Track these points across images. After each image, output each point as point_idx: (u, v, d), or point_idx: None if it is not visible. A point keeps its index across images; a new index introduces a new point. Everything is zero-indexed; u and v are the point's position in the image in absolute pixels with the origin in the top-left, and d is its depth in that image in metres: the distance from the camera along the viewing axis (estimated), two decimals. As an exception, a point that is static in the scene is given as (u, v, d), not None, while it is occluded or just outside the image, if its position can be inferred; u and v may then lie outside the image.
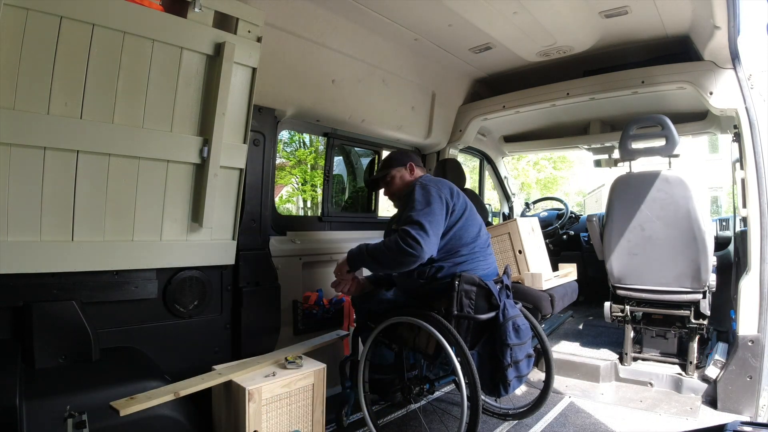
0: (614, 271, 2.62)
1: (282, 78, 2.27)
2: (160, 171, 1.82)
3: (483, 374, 1.71)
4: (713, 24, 2.08)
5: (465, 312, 1.74)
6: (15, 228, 1.52)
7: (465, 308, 1.74)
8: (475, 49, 2.79)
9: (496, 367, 1.74)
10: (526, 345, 1.82)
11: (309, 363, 1.94)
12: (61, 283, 1.66)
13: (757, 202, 2.20)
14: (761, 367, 2.14)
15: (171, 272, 1.95)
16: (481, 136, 3.84)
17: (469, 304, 1.74)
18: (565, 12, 2.33)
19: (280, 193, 11.01)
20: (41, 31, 1.47)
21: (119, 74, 1.66)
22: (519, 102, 3.09)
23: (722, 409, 2.19)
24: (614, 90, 2.71)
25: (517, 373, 1.75)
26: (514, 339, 1.73)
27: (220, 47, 1.85)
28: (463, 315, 1.73)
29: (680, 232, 2.39)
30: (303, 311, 2.49)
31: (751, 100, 2.26)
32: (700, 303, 2.40)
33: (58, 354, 1.61)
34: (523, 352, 1.78)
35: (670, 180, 2.41)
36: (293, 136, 10.01)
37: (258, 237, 2.29)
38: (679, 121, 2.68)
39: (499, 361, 1.73)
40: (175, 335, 1.98)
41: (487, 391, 1.78)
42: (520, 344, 1.76)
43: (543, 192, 15.64)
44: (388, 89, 2.85)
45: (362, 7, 2.26)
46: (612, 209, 2.61)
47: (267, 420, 1.74)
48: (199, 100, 1.88)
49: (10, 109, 1.44)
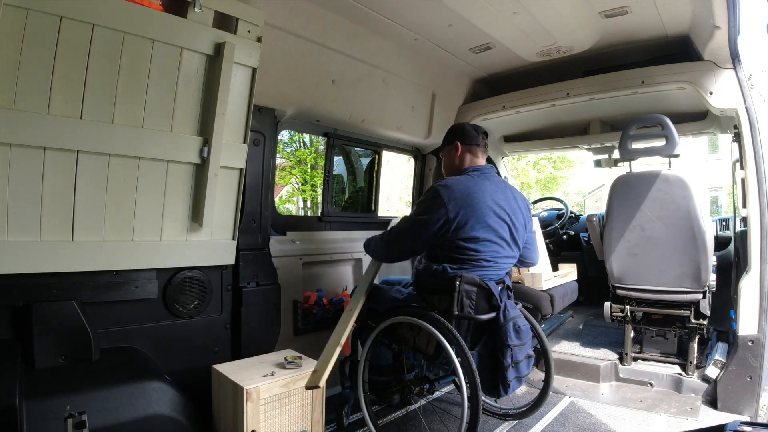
0: (614, 271, 2.61)
1: (282, 78, 2.27)
2: (160, 171, 1.82)
3: (483, 374, 1.70)
4: (713, 24, 2.08)
5: (465, 312, 1.73)
6: (15, 228, 1.52)
7: (465, 308, 1.73)
8: (475, 49, 2.79)
9: (496, 367, 1.74)
10: (526, 346, 1.81)
11: (308, 363, 1.94)
12: (61, 283, 1.66)
13: (757, 202, 2.20)
14: (761, 367, 2.14)
15: (171, 272, 1.95)
16: (481, 136, 3.83)
17: (469, 305, 1.74)
18: (565, 12, 2.33)
19: (280, 193, 11.01)
20: (41, 31, 1.47)
21: (119, 74, 1.66)
22: (519, 102, 3.08)
23: (722, 409, 2.19)
24: (614, 90, 2.71)
25: (516, 373, 1.74)
26: (514, 340, 1.73)
27: (220, 47, 1.85)
28: (464, 315, 1.73)
29: (680, 232, 2.39)
30: (303, 311, 2.49)
31: (751, 100, 2.26)
32: (700, 303, 2.40)
33: (58, 354, 1.61)
34: (523, 352, 1.78)
35: (670, 180, 2.41)
36: (293, 136, 10.01)
37: (258, 237, 2.29)
38: (679, 121, 2.67)
39: (499, 362, 1.72)
40: (175, 335, 1.98)
41: (486, 391, 1.77)
42: (520, 345, 1.75)
43: (543, 192, 15.62)
44: (388, 89, 2.85)
45: (362, 7, 2.25)
46: (612, 209, 2.60)
47: (266, 420, 1.74)
48: (199, 100, 1.88)
49: (10, 109, 1.44)
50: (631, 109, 3.04)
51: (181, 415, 1.65)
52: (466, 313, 1.73)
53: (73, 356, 1.63)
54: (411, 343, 1.84)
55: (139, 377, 1.66)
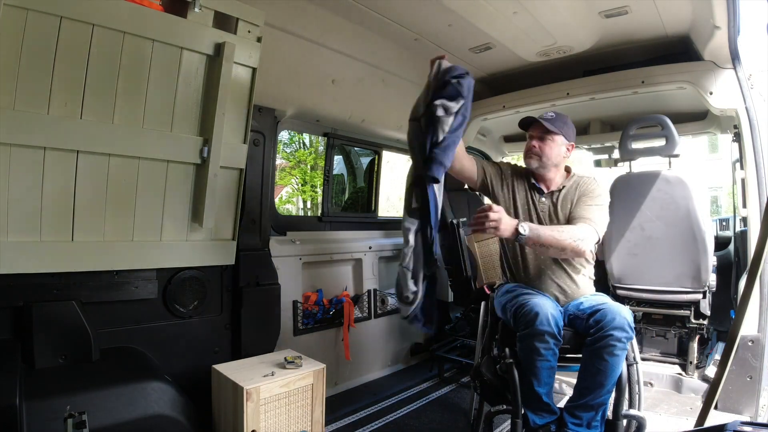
0: (614, 271, 2.61)
1: (282, 78, 2.27)
2: (160, 171, 1.82)
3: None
4: (713, 24, 2.08)
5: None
6: (15, 228, 1.52)
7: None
8: (475, 49, 2.79)
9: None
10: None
11: (308, 363, 1.94)
12: (61, 283, 1.67)
13: (757, 202, 2.20)
14: (761, 367, 2.14)
15: (171, 272, 1.96)
16: (481, 136, 3.83)
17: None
18: (565, 12, 2.33)
19: (280, 193, 11.01)
20: (41, 31, 1.47)
21: (119, 74, 1.66)
22: (519, 102, 3.08)
23: (722, 409, 2.18)
24: (614, 90, 2.70)
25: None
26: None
27: (220, 47, 1.85)
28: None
29: (680, 232, 2.39)
30: (303, 311, 2.49)
31: (751, 100, 2.25)
32: (700, 303, 2.40)
33: (58, 354, 1.61)
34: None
35: (670, 180, 2.41)
36: (293, 136, 10.01)
37: (258, 237, 2.29)
38: (679, 121, 2.67)
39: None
40: (175, 335, 1.98)
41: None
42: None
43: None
44: (388, 89, 2.85)
45: (362, 7, 2.25)
46: (612, 209, 2.57)
47: (265, 420, 1.74)
48: (199, 100, 1.88)
49: (10, 109, 1.44)
50: (631, 109, 3.04)
51: (181, 415, 1.65)
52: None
53: (73, 356, 1.63)
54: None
55: (139, 377, 1.66)
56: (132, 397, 1.56)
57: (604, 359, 1.55)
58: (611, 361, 1.54)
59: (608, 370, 1.55)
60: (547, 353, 1.58)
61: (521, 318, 1.61)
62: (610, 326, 1.55)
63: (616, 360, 1.55)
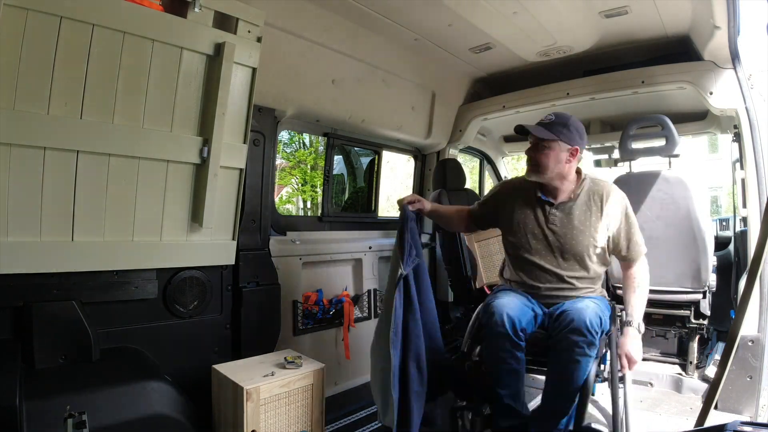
0: (614, 271, 2.60)
1: (282, 78, 2.27)
2: (160, 171, 1.82)
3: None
4: (713, 24, 2.08)
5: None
6: (15, 228, 1.52)
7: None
8: (475, 49, 2.79)
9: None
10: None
11: (308, 363, 1.94)
12: (61, 283, 1.66)
13: (757, 202, 2.20)
14: (761, 367, 2.14)
15: (171, 272, 1.95)
16: (481, 136, 3.83)
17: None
18: (565, 12, 2.33)
19: (280, 193, 11.01)
20: (41, 31, 1.47)
21: (119, 74, 1.65)
22: (519, 102, 3.08)
23: (722, 409, 2.18)
24: (614, 90, 2.71)
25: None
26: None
27: (220, 47, 1.85)
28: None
29: (680, 232, 2.39)
30: (303, 311, 2.49)
31: (751, 100, 2.25)
32: (700, 303, 2.40)
33: (58, 354, 1.61)
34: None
35: (670, 180, 2.41)
36: (293, 136, 10.00)
37: (258, 237, 2.29)
38: (679, 121, 2.67)
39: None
40: (175, 335, 1.98)
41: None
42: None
43: (543, 192, 15.59)
44: (388, 89, 2.85)
45: (362, 7, 2.25)
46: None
47: (265, 420, 1.74)
48: (199, 100, 1.88)
49: (10, 109, 1.44)
50: (631, 109, 3.04)
51: (181, 415, 1.65)
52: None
53: (73, 356, 1.63)
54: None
55: (139, 377, 1.66)
56: (132, 397, 1.56)
57: (562, 364, 1.48)
58: (570, 368, 1.45)
59: (568, 377, 1.46)
60: (504, 355, 1.53)
61: (483, 317, 1.61)
62: (567, 328, 1.47)
63: (576, 367, 1.45)
